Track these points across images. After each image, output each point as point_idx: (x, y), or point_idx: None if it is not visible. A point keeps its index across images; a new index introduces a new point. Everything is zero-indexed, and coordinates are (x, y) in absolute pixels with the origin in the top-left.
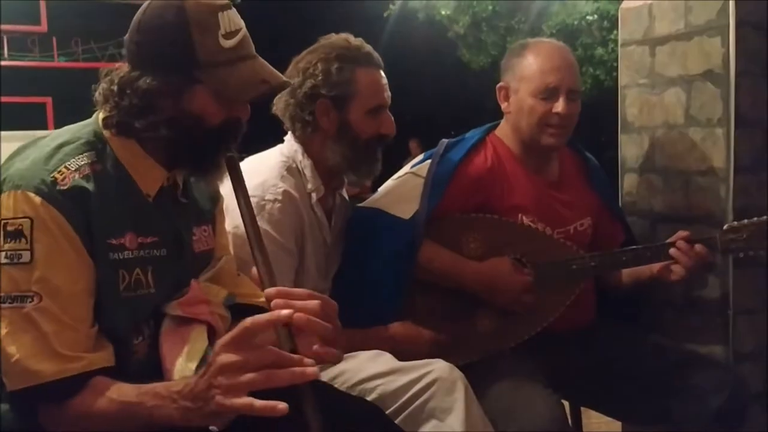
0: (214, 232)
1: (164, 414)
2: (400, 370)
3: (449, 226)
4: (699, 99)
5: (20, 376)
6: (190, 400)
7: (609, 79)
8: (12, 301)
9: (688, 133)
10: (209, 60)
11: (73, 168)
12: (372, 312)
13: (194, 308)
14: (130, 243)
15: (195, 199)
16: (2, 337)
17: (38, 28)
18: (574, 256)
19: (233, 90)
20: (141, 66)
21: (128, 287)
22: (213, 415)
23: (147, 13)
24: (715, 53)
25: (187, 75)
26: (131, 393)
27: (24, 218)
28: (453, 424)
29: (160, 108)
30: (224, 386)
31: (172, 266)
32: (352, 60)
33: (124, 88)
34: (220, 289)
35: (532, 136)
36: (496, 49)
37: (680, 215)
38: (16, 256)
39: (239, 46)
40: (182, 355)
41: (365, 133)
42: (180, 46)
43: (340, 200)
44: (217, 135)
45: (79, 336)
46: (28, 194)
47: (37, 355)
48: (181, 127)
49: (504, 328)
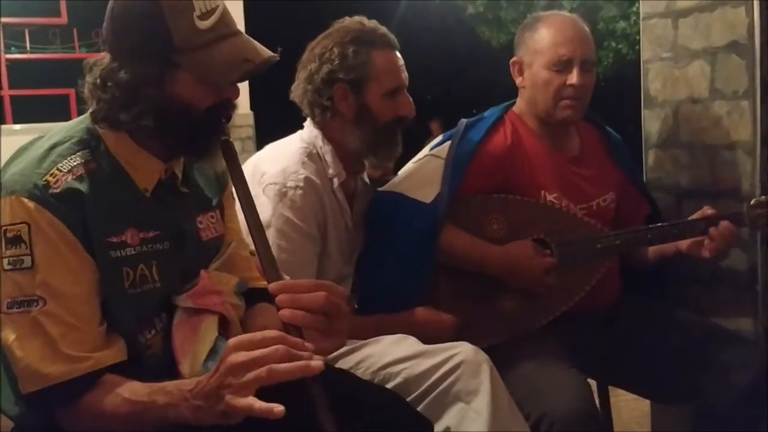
0: (222, 218)
1: (177, 413)
2: (425, 354)
3: (471, 208)
4: (723, 71)
5: (31, 379)
6: (201, 399)
7: (632, 52)
8: (18, 306)
9: (713, 107)
10: (186, 43)
11: (65, 170)
12: (395, 296)
13: (205, 299)
14: (132, 239)
15: (198, 187)
16: (11, 343)
17: (59, 21)
18: (598, 235)
19: (215, 72)
20: (120, 56)
21: (133, 283)
22: (224, 415)
23: (119, 1)
24: (739, 23)
25: (165, 61)
26: (143, 392)
27: (21, 224)
28: (479, 406)
29: (144, 98)
30: (234, 386)
31: (176, 258)
32: (367, 42)
33: (105, 81)
34: (231, 276)
35: (548, 110)
36: (516, 26)
37: (706, 190)
38: (18, 261)
39: (217, 26)
40: (193, 347)
41: (384, 115)
42: (155, 32)
43: (361, 185)
44: (207, 119)
45: (86, 336)
46: (22, 200)
47: (46, 358)
48: (168, 115)
49: (528, 310)
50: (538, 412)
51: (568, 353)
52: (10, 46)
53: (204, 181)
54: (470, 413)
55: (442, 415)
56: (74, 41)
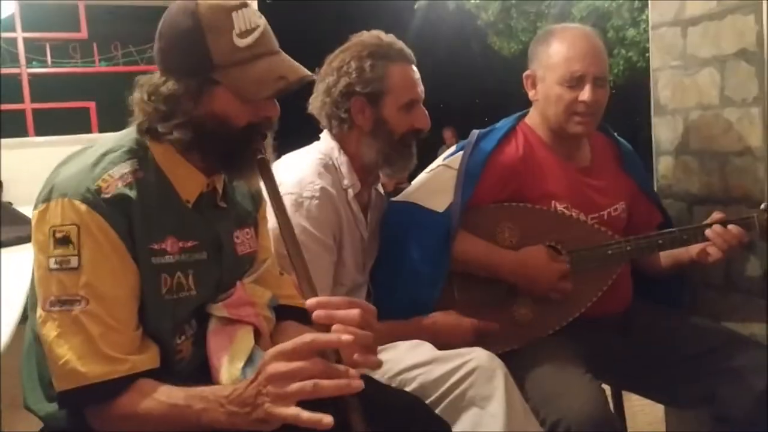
0: (257, 235)
1: (212, 417)
2: (440, 359)
3: (483, 217)
4: (733, 79)
5: (68, 377)
6: (237, 405)
7: (642, 60)
8: (62, 305)
9: (723, 114)
10: (224, 60)
11: (116, 176)
12: (409, 304)
13: (239, 310)
14: (171, 247)
15: (237, 203)
16: (52, 340)
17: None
18: (609, 241)
19: (249, 88)
20: (165, 72)
21: (170, 290)
22: (259, 422)
23: (165, 20)
24: (748, 31)
25: (204, 77)
26: (179, 395)
27: (71, 225)
28: (494, 411)
29: (182, 111)
30: (273, 395)
31: (212, 269)
32: (384, 56)
33: (151, 95)
34: (265, 290)
35: (560, 125)
36: (526, 35)
37: (717, 197)
38: (65, 261)
39: (256, 44)
40: (228, 354)
41: (400, 128)
42: (195, 49)
43: (375, 195)
44: (244, 135)
45: (124, 338)
46: (74, 202)
47: (84, 357)
48: (205, 129)
49: (542, 316)
50: (553, 417)
51: (581, 358)
52: (32, 61)
53: (241, 198)
54: (486, 418)
55: (457, 420)
56: (94, 55)
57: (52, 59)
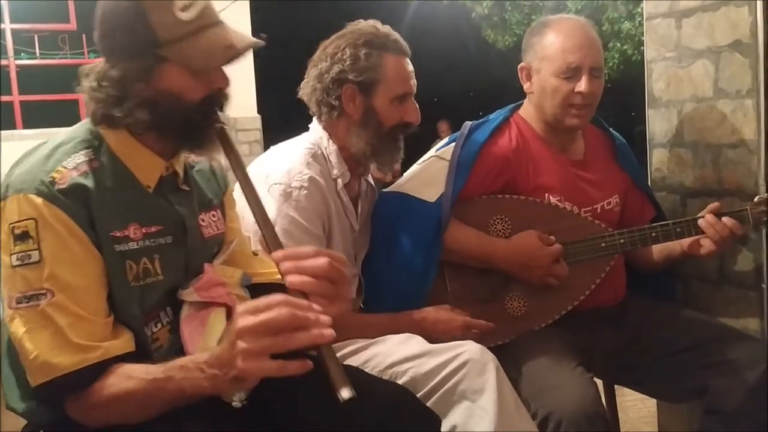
0: (224, 217)
1: (194, 385)
2: (431, 353)
3: (475, 208)
4: (727, 70)
5: (41, 371)
6: (217, 367)
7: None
8: (28, 300)
9: (717, 106)
10: (170, 36)
11: (70, 167)
12: (401, 296)
13: (210, 291)
14: (134, 234)
15: (199, 186)
16: (22, 336)
17: (68, 26)
18: (602, 234)
19: (199, 59)
20: (110, 56)
21: (137, 277)
22: (236, 381)
23: (103, 6)
24: (742, 23)
25: (151, 55)
26: (157, 370)
27: (29, 220)
28: (485, 404)
29: (134, 93)
30: (244, 350)
31: (178, 252)
32: (379, 46)
33: (100, 82)
34: (235, 269)
35: (556, 117)
36: (521, 28)
37: (711, 189)
38: (26, 256)
39: (200, 17)
40: (202, 338)
41: (390, 119)
42: (138, 28)
43: (366, 186)
44: (200, 110)
45: (94, 327)
46: (29, 196)
47: (55, 349)
48: (161, 108)
49: (535, 308)
50: (545, 411)
51: (574, 352)
52: (20, 53)
53: (205, 182)
54: (477, 411)
55: (448, 413)
56: (83, 47)
57: (40, 51)
